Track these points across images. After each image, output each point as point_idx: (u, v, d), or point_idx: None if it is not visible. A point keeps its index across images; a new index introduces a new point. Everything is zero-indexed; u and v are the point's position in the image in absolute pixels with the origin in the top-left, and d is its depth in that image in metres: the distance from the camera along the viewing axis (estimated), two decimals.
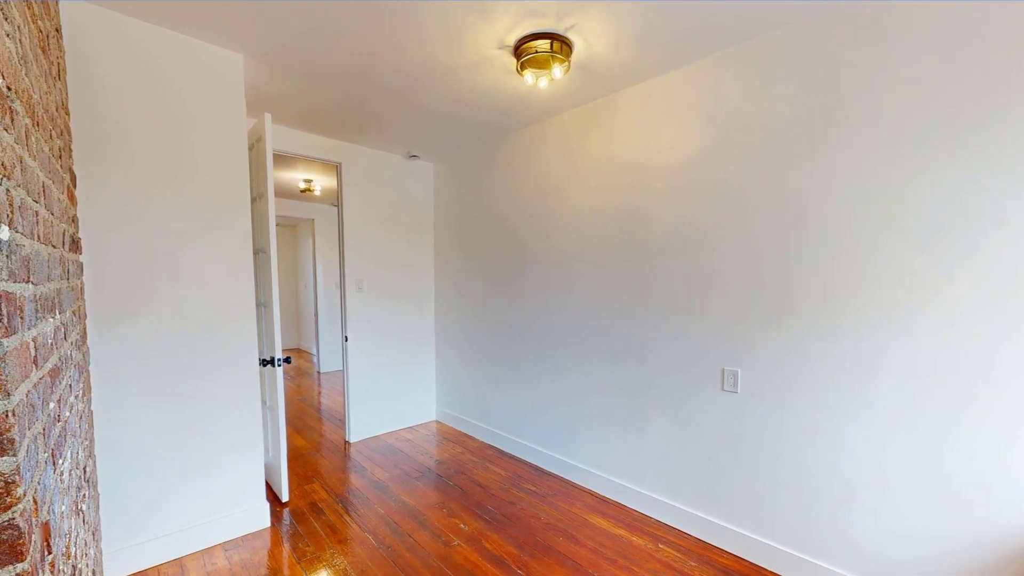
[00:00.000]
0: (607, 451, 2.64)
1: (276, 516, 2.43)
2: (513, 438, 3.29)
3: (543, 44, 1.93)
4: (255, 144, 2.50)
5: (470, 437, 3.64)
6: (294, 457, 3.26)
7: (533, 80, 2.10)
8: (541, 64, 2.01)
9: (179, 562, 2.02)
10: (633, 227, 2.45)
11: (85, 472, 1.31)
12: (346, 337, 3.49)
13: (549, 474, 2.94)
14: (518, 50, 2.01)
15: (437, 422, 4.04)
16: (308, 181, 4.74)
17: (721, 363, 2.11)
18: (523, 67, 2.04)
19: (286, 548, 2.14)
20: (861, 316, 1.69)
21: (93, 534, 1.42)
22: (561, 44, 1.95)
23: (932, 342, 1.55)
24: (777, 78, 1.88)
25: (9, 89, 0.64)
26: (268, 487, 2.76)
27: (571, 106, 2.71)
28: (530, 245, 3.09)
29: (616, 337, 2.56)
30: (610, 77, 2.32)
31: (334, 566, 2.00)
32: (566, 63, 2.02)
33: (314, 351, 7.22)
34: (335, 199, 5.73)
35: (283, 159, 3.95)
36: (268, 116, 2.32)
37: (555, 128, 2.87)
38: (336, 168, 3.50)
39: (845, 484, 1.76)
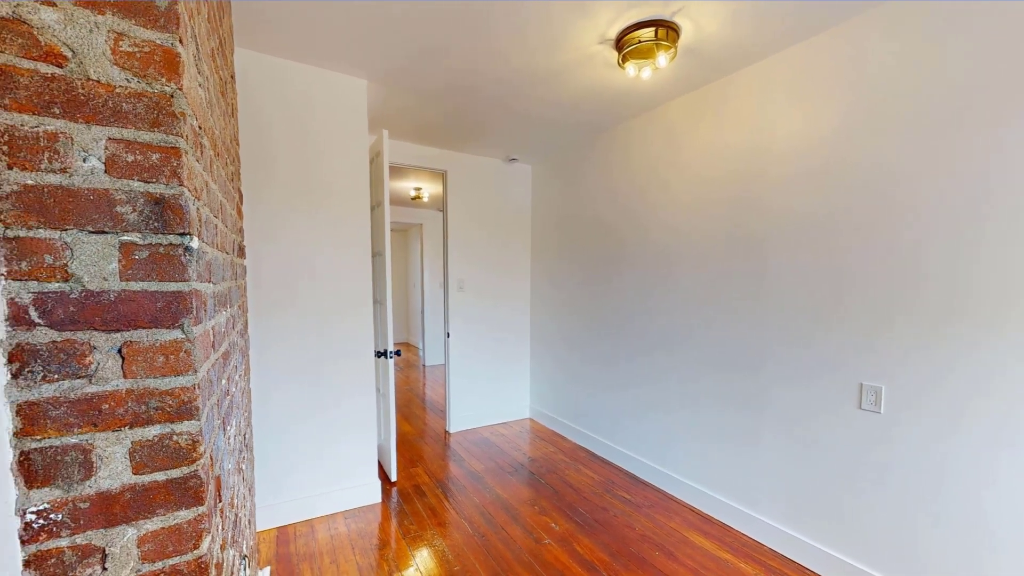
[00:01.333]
0: (712, 466, 2.43)
1: (386, 493, 2.68)
2: (606, 442, 3.20)
3: (647, 32, 1.84)
4: (374, 158, 2.78)
5: (562, 437, 3.63)
6: (401, 442, 3.58)
7: (636, 71, 2.02)
8: (644, 54, 1.92)
9: (310, 523, 2.34)
10: (747, 220, 2.21)
11: (245, 438, 1.59)
12: (448, 334, 3.71)
13: (644, 483, 2.80)
14: (620, 42, 1.94)
15: (531, 420, 4.10)
16: (418, 189, 5.14)
17: (858, 377, 1.80)
18: (625, 59, 1.97)
19: (393, 523, 2.35)
20: None
21: (249, 490, 1.71)
22: (667, 30, 1.84)
23: None
24: (949, 29, 1.53)
25: (200, 128, 0.80)
26: (379, 467, 3.07)
27: (677, 94, 2.54)
28: (629, 241, 2.97)
29: (725, 342, 2.34)
30: (722, 59, 2.12)
31: (434, 546, 2.15)
32: (672, 49, 1.90)
33: (420, 346, 7.82)
34: (441, 205, 6.14)
35: (396, 170, 4.34)
36: (385, 132, 2.57)
37: (658, 119, 2.72)
38: (442, 176, 3.75)
39: None
